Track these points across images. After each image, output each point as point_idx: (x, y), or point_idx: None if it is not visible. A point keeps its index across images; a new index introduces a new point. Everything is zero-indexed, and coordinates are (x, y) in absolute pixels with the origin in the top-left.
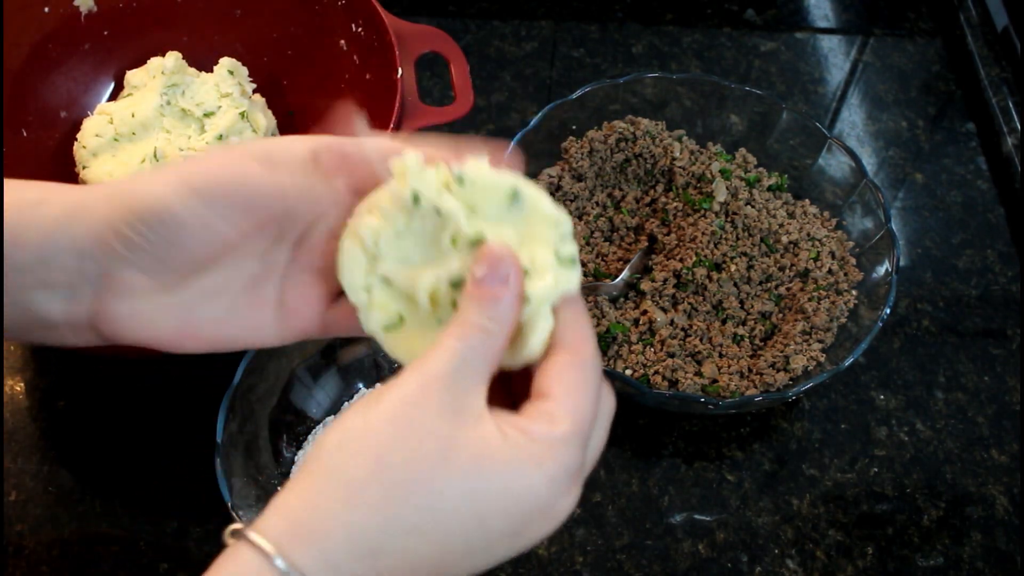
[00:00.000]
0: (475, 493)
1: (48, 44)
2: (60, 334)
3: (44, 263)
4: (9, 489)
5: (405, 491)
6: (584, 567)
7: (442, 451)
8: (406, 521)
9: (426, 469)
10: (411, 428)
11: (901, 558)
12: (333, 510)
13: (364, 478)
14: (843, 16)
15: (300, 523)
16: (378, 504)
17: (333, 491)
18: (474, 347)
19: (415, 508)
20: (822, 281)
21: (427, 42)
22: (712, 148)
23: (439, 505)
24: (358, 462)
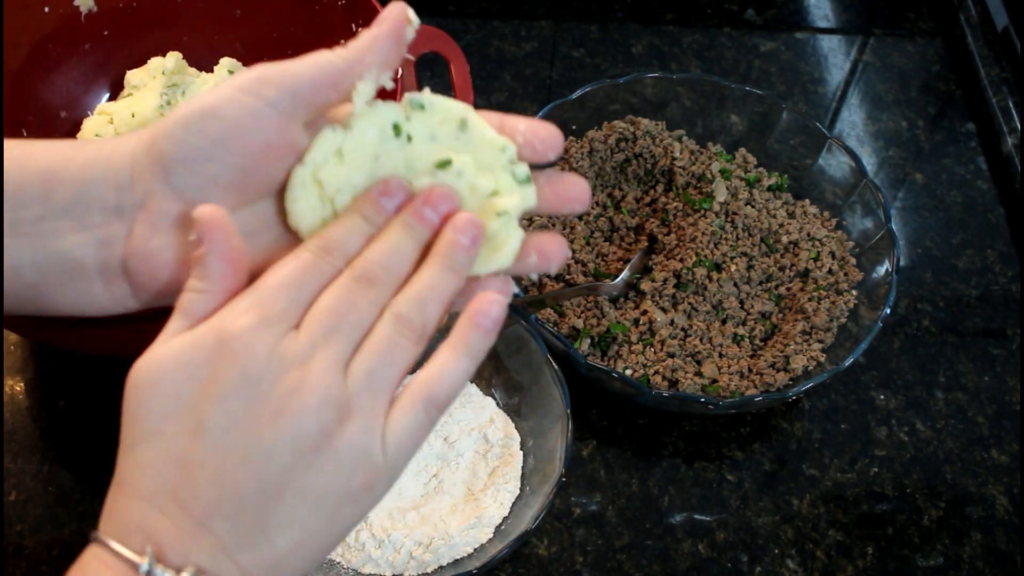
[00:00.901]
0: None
1: (48, 44)
2: (93, 287)
3: (83, 200)
4: (9, 489)
5: (123, 424)
6: (584, 567)
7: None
8: (124, 442)
9: (124, 395)
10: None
11: (901, 558)
12: (112, 483)
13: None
14: (843, 16)
15: (108, 507)
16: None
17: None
18: (184, 308)
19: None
20: (822, 281)
21: (427, 42)
22: (712, 148)
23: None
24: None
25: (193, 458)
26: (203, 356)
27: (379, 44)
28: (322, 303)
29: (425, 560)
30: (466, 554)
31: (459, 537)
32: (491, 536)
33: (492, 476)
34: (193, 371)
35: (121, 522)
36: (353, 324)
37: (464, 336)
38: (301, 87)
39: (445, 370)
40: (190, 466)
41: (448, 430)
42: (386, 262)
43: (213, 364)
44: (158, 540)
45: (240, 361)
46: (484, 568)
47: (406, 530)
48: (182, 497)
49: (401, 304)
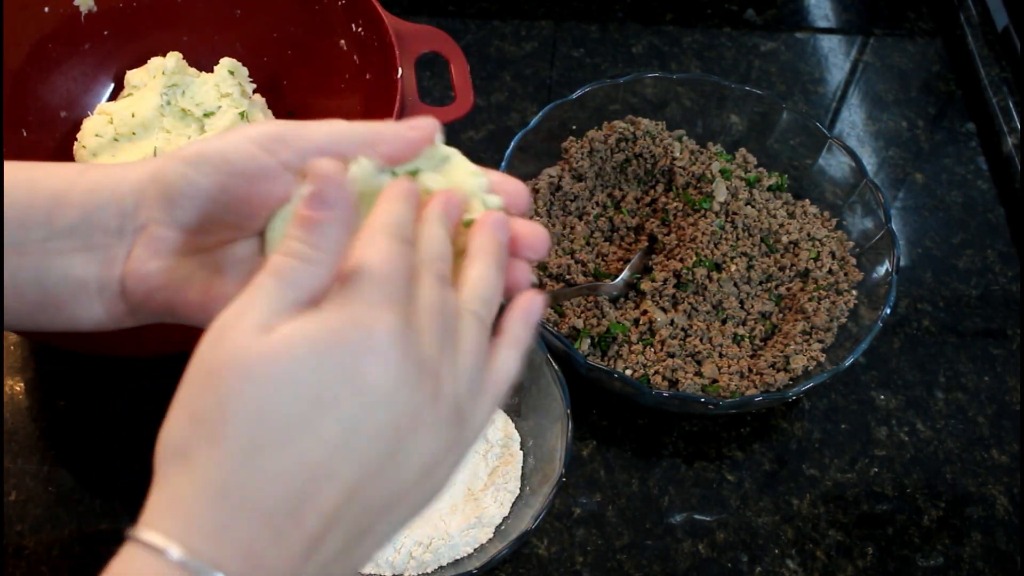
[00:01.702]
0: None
1: (48, 44)
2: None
3: (87, 223)
4: (9, 489)
5: (218, 422)
6: (584, 567)
7: (235, 365)
8: (234, 445)
9: (223, 387)
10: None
11: (901, 558)
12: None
13: (185, 437)
14: (843, 16)
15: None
16: (206, 450)
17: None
18: (289, 276)
19: (235, 429)
20: (822, 281)
21: (427, 42)
22: (712, 148)
23: (245, 409)
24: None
25: (323, 467)
26: (345, 351)
27: (398, 143)
28: (426, 301)
29: (425, 560)
30: (466, 554)
31: (459, 537)
32: (491, 536)
33: (492, 476)
34: (333, 368)
35: (222, 542)
36: (451, 326)
37: (516, 332)
38: (310, 152)
39: (510, 367)
40: (319, 476)
41: None
42: (445, 255)
43: (355, 362)
44: (250, 553)
45: (385, 361)
46: (484, 568)
47: (406, 530)
48: (302, 512)
49: (476, 304)
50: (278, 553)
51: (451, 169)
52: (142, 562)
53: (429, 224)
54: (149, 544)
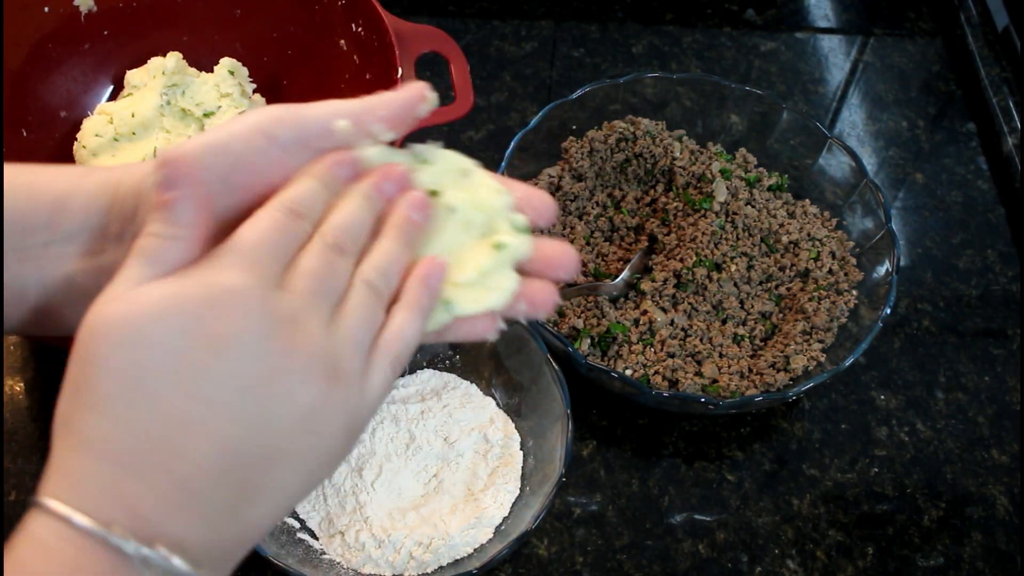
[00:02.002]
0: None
1: (48, 44)
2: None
3: (88, 229)
4: (9, 489)
5: (85, 387)
6: (584, 567)
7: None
8: (99, 404)
9: (87, 351)
10: (81, 336)
11: (901, 558)
12: (57, 445)
13: (66, 408)
14: (843, 16)
15: (47, 473)
16: (79, 414)
17: (56, 435)
18: (150, 253)
19: (109, 395)
20: (822, 281)
21: (427, 42)
22: (712, 148)
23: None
24: (61, 399)
25: (189, 418)
26: (195, 309)
27: (392, 106)
28: (305, 265)
29: (425, 560)
30: (466, 554)
31: (459, 537)
32: (491, 536)
33: (492, 476)
34: (185, 324)
35: (85, 488)
36: (333, 289)
37: (416, 296)
38: (310, 130)
39: (404, 330)
40: (185, 427)
41: (448, 430)
42: (352, 231)
43: (207, 318)
44: (133, 509)
45: (237, 317)
46: (484, 568)
47: (406, 530)
48: (169, 460)
49: (369, 273)
50: (155, 504)
51: (473, 185)
52: (40, 525)
53: (346, 198)
54: (46, 509)
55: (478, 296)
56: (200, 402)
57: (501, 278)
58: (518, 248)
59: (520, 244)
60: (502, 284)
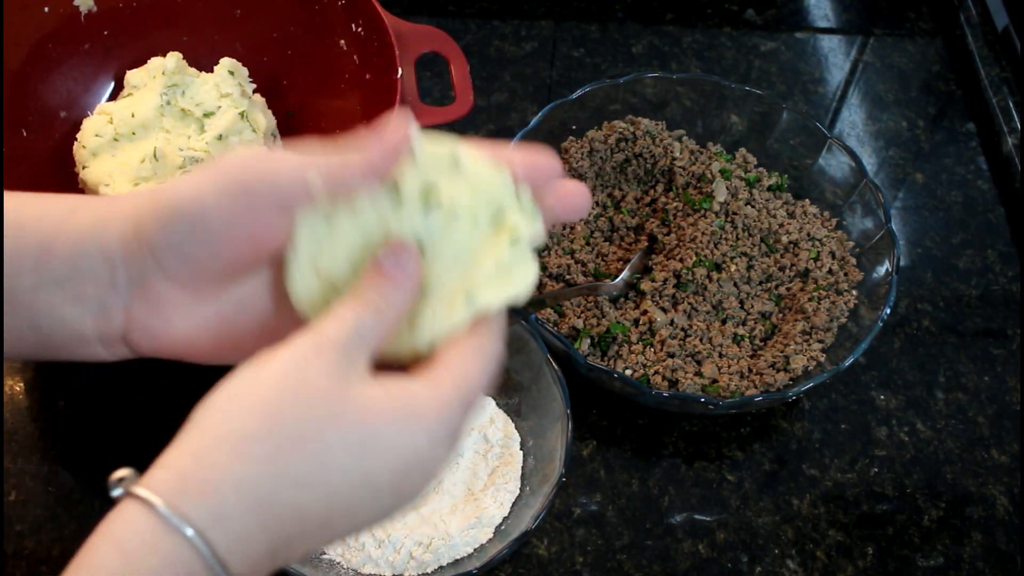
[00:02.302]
0: (361, 447)
1: (48, 44)
2: (94, 350)
3: (76, 274)
4: (9, 489)
5: (294, 445)
6: (584, 567)
7: (330, 407)
8: (295, 474)
9: (315, 423)
10: (301, 384)
11: (901, 558)
12: (222, 463)
13: (253, 432)
14: (843, 16)
15: (188, 476)
16: (267, 457)
17: (222, 445)
18: (366, 323)
19: (304, 461)
20: (822, 281)
21: (427, 42)
22: (712, 148)
23: (327, 458)
24: (248, 416)
25: (355, 517)
26: (443, 446)
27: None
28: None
29: (425, 560)
30: (466, 554)
31: (459, 537)
32: (491, 536)
33: (492, 476)
34: (435, 456)
35: (228, 522)
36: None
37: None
38: (285, 196)
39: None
40: (346, 515)
41: None
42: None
43: (412, 470)
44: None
45: (425, 482)
46: (484, 568)
47: (406, 530)
48: (306, 539)
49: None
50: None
51: (466, 173)
52: (133, 514)
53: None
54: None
55: (500, 288)
56: (379, 510)
57: (521, 266)
58: (534, 236)
59: (534, 229)
60: (522, 272)
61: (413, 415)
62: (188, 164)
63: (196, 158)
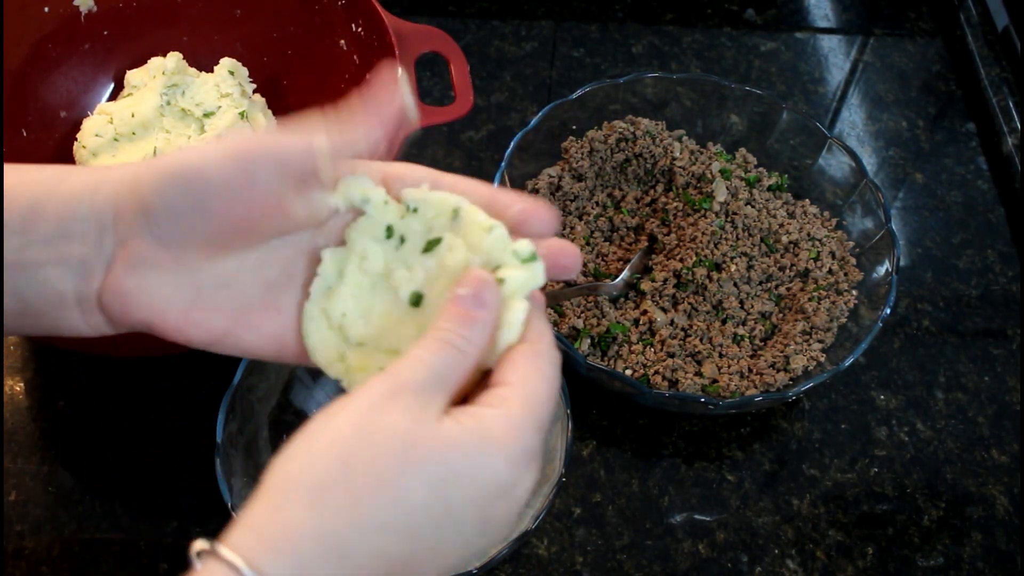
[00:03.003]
0: (440, 483)
1: (48, 44)
2: (72, 317)
3: (64, 233)
4: (9, 489)
5: (371, 491)
6: (584, 567)
7: (405, 448)
8: (374, 520)
9: (391, 467)
10: (375, 430)
11: (901, 558)
12: (300, 516)
13: (329, 481)
14: (843, 16)
15: (268, 533)
16: (345, 506)
17: (299, 497)
18: (445, 363)
19: (382, 506)
20: (822, 281)
21: (427, 42)
22: (712, 148)
23: (406, 500)
24: (322, 466)
25: (444, 558)
26: (523, 468)
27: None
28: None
29: None
30: None
31: None
32: None
33: None
34: (516, 480)
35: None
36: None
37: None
38: (287, 165)
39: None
40: (435, 557)
41: None
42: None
43: (495, 498)
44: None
45: (514, 507)
46: (484, 568)
47: None
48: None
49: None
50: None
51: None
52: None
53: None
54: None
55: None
56: (467, 545)
57: (509, 312)
58: (521, 281)
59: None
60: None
61: (488, 441)
62: None
63: None
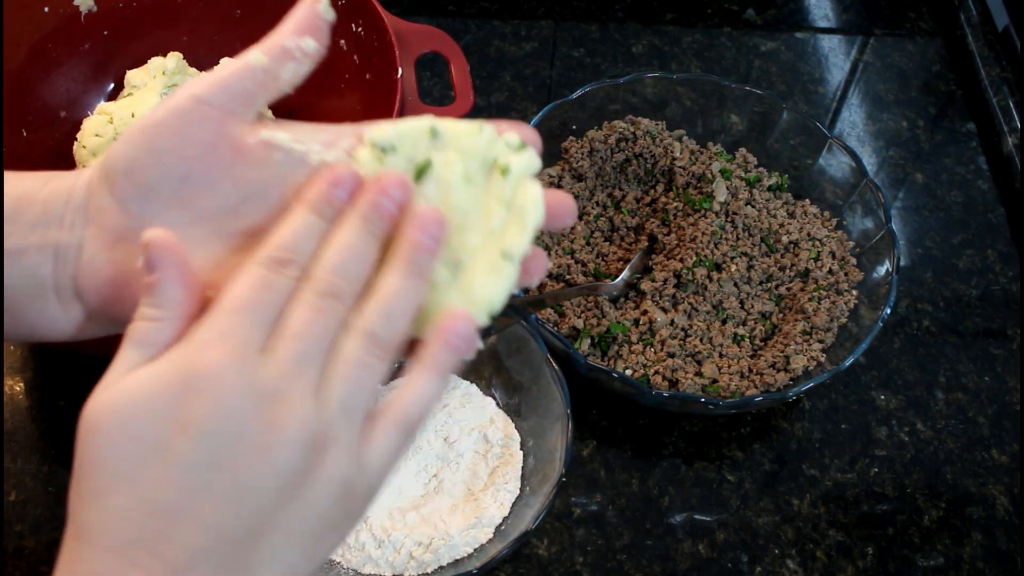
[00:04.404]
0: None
1: (48, 44)
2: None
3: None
4: (9, 489)
5: (77, 474)
6: (584, 567)
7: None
8: (86, 491)
9: (81, 440)
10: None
11: (901, 558)
12: (70, 534)
13: (72, 488)
14: (843, 16)
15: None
16: (72, 500)
17: (69, 522)
18: (138, 337)
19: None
20: (822, 281)
21: (427, 42)
22: (712, 148)
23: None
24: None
25: (169, 504)
26: (171, 394)
27: (297, 18)
28: (290, 327)
29: (425, 560)
30: (466, 554)
31: (459, 537)
32: (491, 536)
33: (492, 476)
34: (162, 411)
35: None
36: (322, 346)
37: (435, 355)
38: (231, 90)
39: (418, 390)
40: (166, 513)
41: (448, 430)
42: (348, 269)
43: (183, 403)
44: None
45: (212, 399)
46: (484, 568)
47: (406, 530)
48: (159, 547)
49: (369, 320)
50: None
51: (449, 140)
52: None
53: (339, 229)
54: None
55: (521, 227)
56: (181, 489)
57: (527, 193)
58: (525, 164)
59: (523, 160)
60: (531, 199)
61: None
62: None
63: None
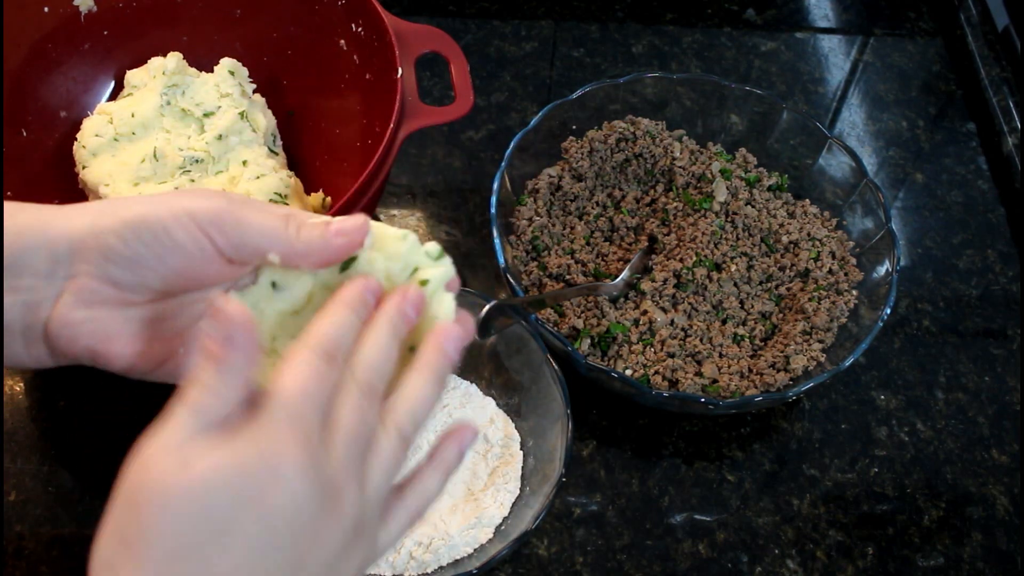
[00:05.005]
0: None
1: (48, 44)
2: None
3: (15, 266)
4: (9, 489)
5: (141, 544)
6: (584, 567)
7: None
8: (154, 565)
9: (148, 513)
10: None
11: (901, 558)
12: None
13: (114, 554)
14: (843, 16)
15: None
16: (131, 567)
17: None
18: (199, 407)
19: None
20: (822, 281)
21: (427, 42)
22: (712, 148)
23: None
24: (106, 544)
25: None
26: (251, 484)
27: (325, 253)
28: (342, 424)
29: (425, 560)
30: (466, 554)
31: (459, 537)
32: (491, 536)
33: (492, 476)
34: (241, 498)
35: None
36: (366, 440)
37: (446, 457)
38: (245, 245)
39: (429, 488)
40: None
41: None
42: (381, 368)
43: (261, 492)
44: None
45: (288, 491)
46: (484, 568)
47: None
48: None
49: (400, 420)
50: None
51: (376, 241)
52: None
53: (373, 331)
54: None
55: (428, 325)
56: (252, 566)
57: (441, 304)
58: (440, 275)
59: (440, 272)
60: (444, 308)
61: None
62: (188, 164)
63: (196, 158)
